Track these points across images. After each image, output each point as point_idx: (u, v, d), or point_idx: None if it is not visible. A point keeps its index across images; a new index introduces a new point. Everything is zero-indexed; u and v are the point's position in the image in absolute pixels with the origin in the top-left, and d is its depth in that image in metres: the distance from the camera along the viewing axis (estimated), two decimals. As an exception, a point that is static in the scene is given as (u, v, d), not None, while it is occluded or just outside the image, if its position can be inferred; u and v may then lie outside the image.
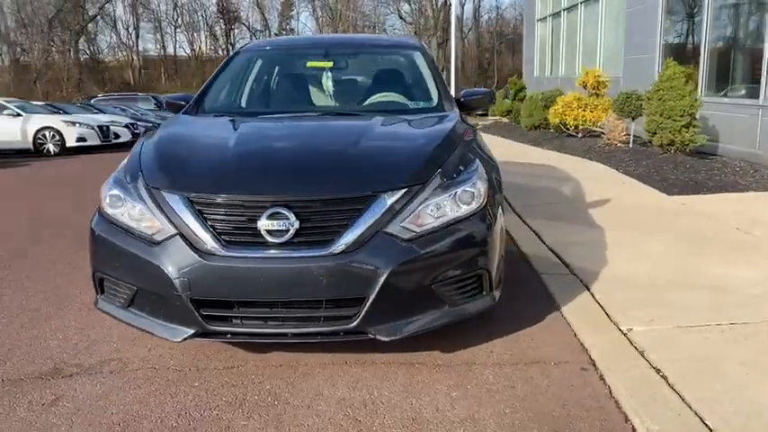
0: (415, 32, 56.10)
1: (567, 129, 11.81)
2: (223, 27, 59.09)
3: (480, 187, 2.79)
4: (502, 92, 22.24)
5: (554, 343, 3.00)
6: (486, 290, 2.81)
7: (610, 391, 2.55)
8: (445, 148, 2.95)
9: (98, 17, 51.94)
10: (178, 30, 56.73)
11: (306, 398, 2.54)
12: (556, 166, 8.54)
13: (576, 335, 3.09)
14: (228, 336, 2.61)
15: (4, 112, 15.08)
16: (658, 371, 2.64)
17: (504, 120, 19.56)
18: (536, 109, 14.37)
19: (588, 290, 3.67)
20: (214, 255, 2.50)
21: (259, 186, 2.61)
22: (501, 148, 10.43)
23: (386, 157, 2.83)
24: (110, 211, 2.75)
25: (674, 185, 6.68)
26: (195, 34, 56.84)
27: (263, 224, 2.49)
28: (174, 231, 2.56)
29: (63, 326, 3.32)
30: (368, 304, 2.50)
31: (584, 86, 11.70)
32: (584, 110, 11.48)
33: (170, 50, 55.63)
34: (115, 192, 2.78)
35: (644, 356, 2.79)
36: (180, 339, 2.59)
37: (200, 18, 57.40)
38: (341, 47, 4.58)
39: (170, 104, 3.96)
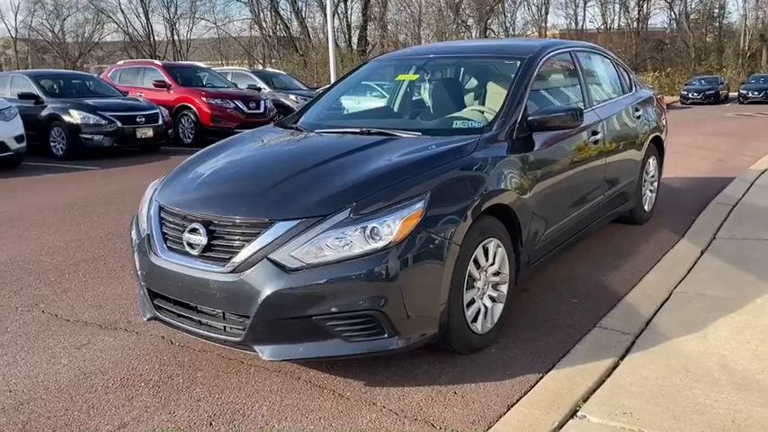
0: None
1: None
2: (638, -1, 56.35)
3: (394, 224, 2.68)
4: None
5: (477, 408, 2.69)
6: (389, 332, 2.71)
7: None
8: (379, 179, 2.87)
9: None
10: (589, 4, 56.29)
11: (204, 390, 2.89)
12: None
13: (512, 405, 2.70)
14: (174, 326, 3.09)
15: (374, 93, 18.72)
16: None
17: None
18: None
19: (620, 359, 3.05)
20: (159, 256, 3.00)
21: (189, 204, 2.99)
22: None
23: (300, 187, 2.89)
24: (141, 206, 3.46)
25: None
26: (609, 7, 55.64)
27: (186, 237, 2.88)
28: (147, 231, 3.14)
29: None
30: (249, 323, 2.70)
31: None
32: None
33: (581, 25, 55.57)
34: (147, 192, 3.47)
35: (536, 450, 2.35)
36: (145, 319, 3.19)
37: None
38: (446, 57, 4.45)
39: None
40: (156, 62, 14.74)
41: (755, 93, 31.59)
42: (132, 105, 11.42)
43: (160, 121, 11.46)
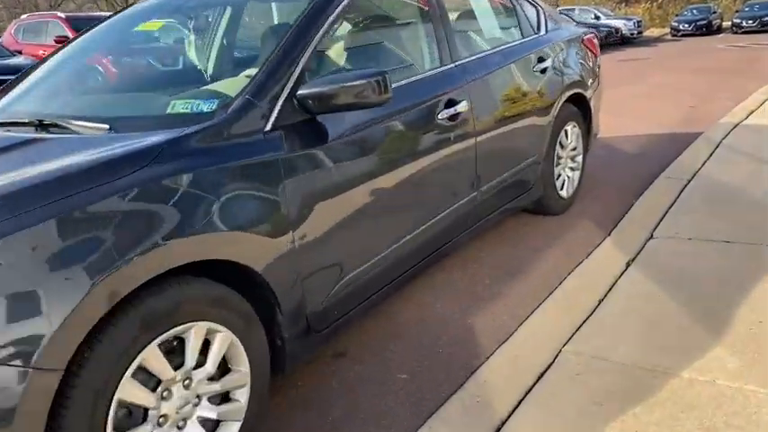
0: None
1: None
2: None
3: None
4: None
5: None
6: None
7: None
8: None
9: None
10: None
11: None
12: None
13: None
14: None
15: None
16: None
17: None
18: None
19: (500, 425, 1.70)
20: None
21: None
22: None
23: None
24: None
25: None
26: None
27: None
28: None
29: None
30: None
31: None
32: None
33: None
34: None
35: None
36: None
37: None
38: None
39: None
40: (59, 14, 12.94)
41: (750, 21, 29.58)
42: (13, 67, 9.80)
43: (48, 85, 9.88)
